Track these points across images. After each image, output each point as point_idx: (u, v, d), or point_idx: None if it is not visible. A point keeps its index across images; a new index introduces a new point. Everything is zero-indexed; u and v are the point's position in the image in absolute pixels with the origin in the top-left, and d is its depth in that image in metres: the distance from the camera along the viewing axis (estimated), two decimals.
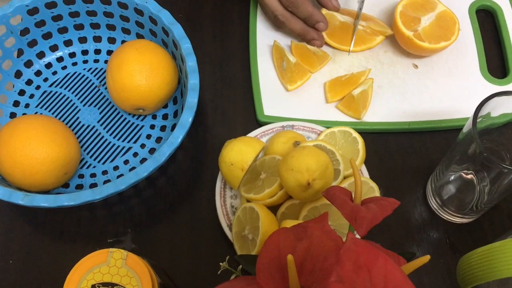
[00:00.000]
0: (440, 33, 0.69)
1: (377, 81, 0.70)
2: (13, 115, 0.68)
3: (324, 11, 0.72)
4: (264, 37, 0.73)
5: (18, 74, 0.70)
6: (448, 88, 0.69)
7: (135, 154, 0.66)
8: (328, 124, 0.66)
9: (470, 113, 0.66)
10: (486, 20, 0.76)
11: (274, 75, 0.70)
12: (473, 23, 0.74)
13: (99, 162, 0.65)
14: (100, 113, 0.68)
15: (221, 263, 0.54)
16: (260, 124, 0.67)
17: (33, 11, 0.66)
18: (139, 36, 0.71)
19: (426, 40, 0.68)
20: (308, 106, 0.68)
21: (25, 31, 0.68)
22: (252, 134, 0.65)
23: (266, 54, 0.72)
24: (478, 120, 0.50)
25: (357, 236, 0.51)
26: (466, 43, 0.73)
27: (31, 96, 0.69)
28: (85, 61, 0.72)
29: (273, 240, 0.41)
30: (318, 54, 0.70)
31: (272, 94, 0.69)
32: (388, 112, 0.67)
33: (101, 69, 0.71)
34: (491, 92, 0.67)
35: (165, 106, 0.69)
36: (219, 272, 0.54)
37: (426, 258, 0.38)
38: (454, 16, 0.69)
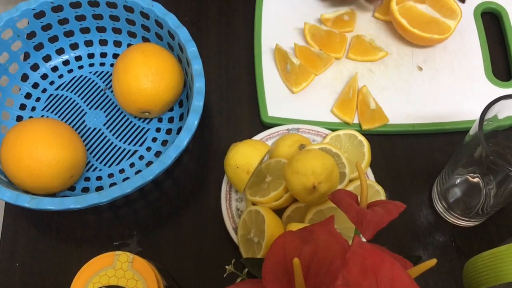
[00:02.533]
0: (426, 24, 0.69)
1: (381, 82, 0.70)
2: (19, 118, 0.68)
3: (307, 24, 0.72)
4: (269, 40, 0.73)
5: (25, 78, 0.70)
6: (453, 90, 0.69)
7: (141, 157, 0.66)
8: (333, 126, 0.66)
9: (474, 116, 0.66)
10: (491, 23, 0.76)
11: (278, 78, 0.70)
12: (478, 25, 0.74)
13: (105, 165, 0.66)
14: (106, 116, 0.69)
15: (227, 266, 0.54)
16: (265, 126, 0.67)
17: (39, 15, 0.67)
18: (145, 39, 0.71)
19: (406, 19, 0.68)
20: (313, 107, 0.68)
21: (31, 35, 0.68)
22: (258, 137, 0.65)
23: (271, 57, 0.72)
24: (484, 123, 0.50)
25: (363, 239, 0.51)
26: (471, 45, 0.73)
27: (38, 99, 0.70)
28: (91, 65, 0.72)
29: (279, 243, 0.41)
30: (321, 57, 0.70)
31: (277, 96, 0.69)
32: (392, 114, 0.67)
33: (107, 72, 0.72)
34: (496, 94, 0.67)
35: (171, 109, 0.69)
36: (224, 275, 0.54)
37: (433, 262, 0.38)
38: (452, 27, 0.70)
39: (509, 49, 0.72)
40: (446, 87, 0.70)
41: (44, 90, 0.70)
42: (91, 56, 0.73)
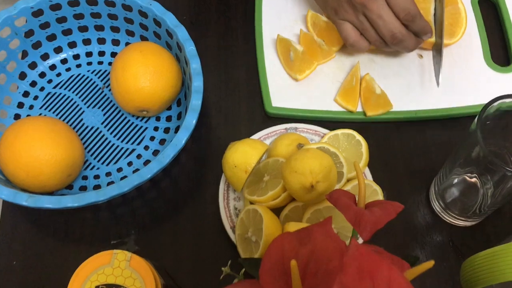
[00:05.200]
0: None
1: (383, 71, 0.70)
2: (17, 117, 0.68)
3: (310, 12, 0.72)
4: (270, 32, 0.73)
5: (23, 76, 0.70)
6: (453, 77, 0.70)
7: (139, 156, 0.66)
8: (337, 114, 0.67)
9: (475, 101, 0.68)
10: (489, 10, 0.76)
11: (281, 68, 0.71)
12: (476, 13, 0.75)
13: (102, 163, 0.66)
14: (104, 115, 0.69)
15: (223, 268, 0.53)
16: (262, 121, 0.67)
17: (37, 13, 0.66)
18: (143, 38, 0.71)
19: None
20: (316, 97, 0.69)
21: (29, 33, 0.68)
22: (256, 136, 0.65)
23: (272, 48, 0.72)
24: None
25: (361, 240, 0.51)
26: (470, 33, 0.73)
27: (35, 97, 0.70)
28: (89, 63, 0.72)
29: (276, 244, 0.41)
30: (323, 48, 0.70)
31: (280, 87, 0.69)
32: (394, 102, 0.68)
33: (105, 71, 0.72)
34: (496, 80, 0.69)
35: (169, 108, 0.69)
36: (221, 278, 0.53)
37: (430, 263, 0.38)
38: (463, 18, 0.70)
39: (507, 35, 0.73)
40: (446, 74, 0.70)
41: (42, 89, 0.70)
42: (89, 54, 0.73)
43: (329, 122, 0.67)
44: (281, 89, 0.69)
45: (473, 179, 0.55)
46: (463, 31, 0.71)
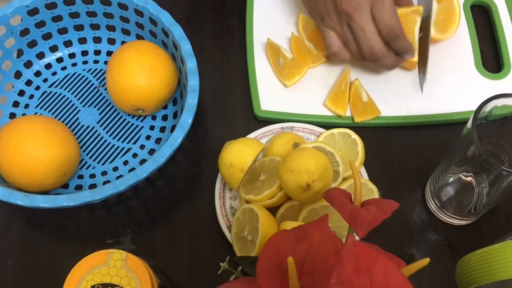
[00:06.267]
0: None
1: (373, 76, 0.70)
2: (12, 116, 0.68)
3: (301, 15, 0.73)
4: (262, 35, 0.73)
5: (18, 75, 0.70)
6: (443, 82, 0.70)
7: (135, 155, 0.66)
8: (326, 119, 0.67)
9: (465, 108, 0.67)
10: (481, 16, 0.76)
11: (271, 72, 0.70)
12: (468, 18, 0.75)
13: (98, 163, 0.66)
14: (100, 113, 0.69)
15: (221, 263, 0.54)
16: (258, 121, 0.67)
17: (33, 12, 0.66)
18: (139, 37, 0.71)
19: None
20: (306, 101, 0.68)
21: (25, 32, 0.68)
22: (252, 135, 0.65)
23: (263, 51, 0.72)
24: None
25: (357, 238, 0.51)
26: (461, 38, 0.73)
27: (31, 96, 0.69)
28: (85, 62, 0.72)
29: (273, 242, 0.41)
30: (312, 52, 0.70)
31: (270, 90, 0.69)
32: (384, 107, 0.68)
33: (101, 70, 0.71)
34: (486, 86, 0.69)
35: (165, 107, 0.69)
36: (219, 273, 0.54)
37: (426, 261, 0.38)
38: (457, 15, 0.70)
39: (498, 41, 0.73)
40: (436, 80, 0.70)
41: (37, 88, 0.70)
42: (84, 53, 0.72)
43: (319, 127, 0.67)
44: (271, 93, 0.69)
45: (469, 178, 0.55)
46: (456, 28, 0.71)
